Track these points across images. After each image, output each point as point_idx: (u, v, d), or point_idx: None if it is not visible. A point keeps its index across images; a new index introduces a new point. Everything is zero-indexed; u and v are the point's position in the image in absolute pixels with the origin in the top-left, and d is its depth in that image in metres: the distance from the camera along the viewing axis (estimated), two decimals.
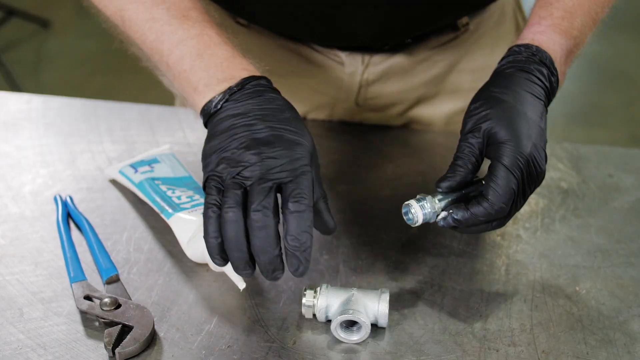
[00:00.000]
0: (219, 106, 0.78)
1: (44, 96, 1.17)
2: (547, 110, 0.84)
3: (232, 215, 0.72)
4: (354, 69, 1.10)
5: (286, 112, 0.78)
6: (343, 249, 0.91)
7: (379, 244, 0.92)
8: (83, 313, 0.82)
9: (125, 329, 0.79)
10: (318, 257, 0.90)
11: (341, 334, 0.79)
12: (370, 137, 1.13)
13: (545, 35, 0.87)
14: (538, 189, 1.00)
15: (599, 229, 0.97)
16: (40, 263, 0.88)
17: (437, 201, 0.80)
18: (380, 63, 1.10)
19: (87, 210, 0.96)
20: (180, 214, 0.89)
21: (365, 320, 0.78)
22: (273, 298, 0.85)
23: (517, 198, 0.79)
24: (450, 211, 0.79)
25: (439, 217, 0.80)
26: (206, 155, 0.77)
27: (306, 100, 1.15)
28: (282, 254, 0.73)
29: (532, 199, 1.00)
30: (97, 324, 0.81)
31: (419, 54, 1.11)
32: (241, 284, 0.81)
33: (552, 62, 0.85)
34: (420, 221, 0.80)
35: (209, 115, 0.79)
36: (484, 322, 0.83)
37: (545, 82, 0.84)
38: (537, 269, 0.90)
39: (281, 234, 0.73)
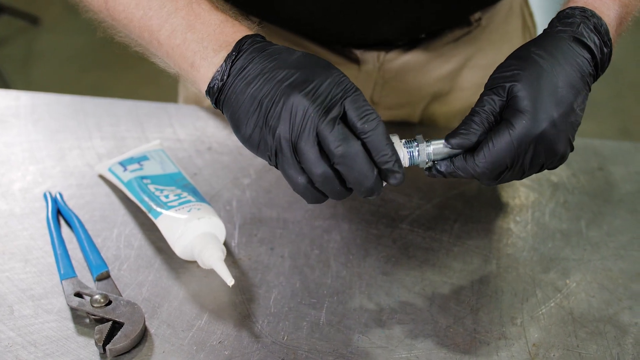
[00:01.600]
0: (224, 79, 0.74)
1: (32, 93, 1.16)
2: (589, 89, 0.78)
3: (320, 170, 0.71)
4: (370, 66, 1.08)
5: (296, 53, 0.75)
6: (333, 244, 0.91)
7: (369, 239, 0.92)
8: (73, 310, 0.82)
9: (116, 326, 0.79)
10: (309, 252, 0.90)
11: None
12: None
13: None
14: (527, 182, 1.01)
15: (589, 222, 0.97)
16: (30, 260, 0.88)
17: (431, 149, 0.77)
18: (395, 59, 1.08)
19: (76, 206, 0.95)
20: (168, 212, 0.88)
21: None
22: (264, 293, 0.85)
23: (511, 170, 0.76)
24: (435, 162, 0.78)
25: (426, 166, 0.78)
26: (249, 133, 0.73)
27: None
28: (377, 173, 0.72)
29: (522, 192, 1.00)
30: (87, 320, 0.81)
31: (433, 49, 1.09)
32: (230, 280, 0.81)
33: (607, 32, 0.78)
34: (405, 165, 0.77)
35: (217, 92, 0.75)
36: (475, 316, 0.83)
37: (597, 54, 0.77)
38: (527, 263, 0.90)
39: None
